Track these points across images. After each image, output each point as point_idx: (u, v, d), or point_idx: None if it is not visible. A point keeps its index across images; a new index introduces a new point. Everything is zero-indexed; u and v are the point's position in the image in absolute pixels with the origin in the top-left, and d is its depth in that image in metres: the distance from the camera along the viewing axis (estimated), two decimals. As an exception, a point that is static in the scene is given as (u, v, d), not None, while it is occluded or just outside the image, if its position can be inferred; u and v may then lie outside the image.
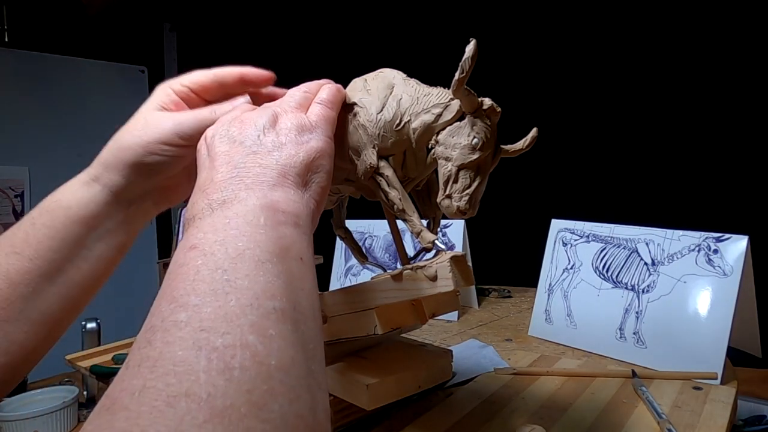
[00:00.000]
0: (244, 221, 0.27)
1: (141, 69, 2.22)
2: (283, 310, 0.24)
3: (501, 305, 1.16)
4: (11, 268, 0.38)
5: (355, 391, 0.50)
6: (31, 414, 0.63)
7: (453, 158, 0.40)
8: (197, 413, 0.18)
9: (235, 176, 0.31)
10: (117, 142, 0.42)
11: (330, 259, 1.22)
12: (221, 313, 0.22)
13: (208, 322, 0.21)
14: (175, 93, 0.44)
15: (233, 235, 0.26)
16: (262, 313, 0.23)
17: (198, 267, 0.24)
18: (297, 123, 0.36)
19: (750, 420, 0.81)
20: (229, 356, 0.20)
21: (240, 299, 0.23)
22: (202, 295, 0.23)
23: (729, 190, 1.54)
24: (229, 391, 0.19)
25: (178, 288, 0.24)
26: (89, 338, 0.85)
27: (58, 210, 0.41)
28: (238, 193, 0.29)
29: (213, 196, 0.29)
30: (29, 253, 0.39)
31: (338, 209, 0.61)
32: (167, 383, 0.19)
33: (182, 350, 0.20)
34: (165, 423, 0.18)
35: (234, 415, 0.18)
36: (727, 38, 1.53)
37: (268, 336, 0.22)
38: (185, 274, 0.24)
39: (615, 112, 1.77)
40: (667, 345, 0.73)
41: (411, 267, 0.44)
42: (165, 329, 0.21)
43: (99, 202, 0.42)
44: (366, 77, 0.47)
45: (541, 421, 0.55)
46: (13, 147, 1.91)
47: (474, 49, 0.36)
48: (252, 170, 0.31)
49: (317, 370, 0.24)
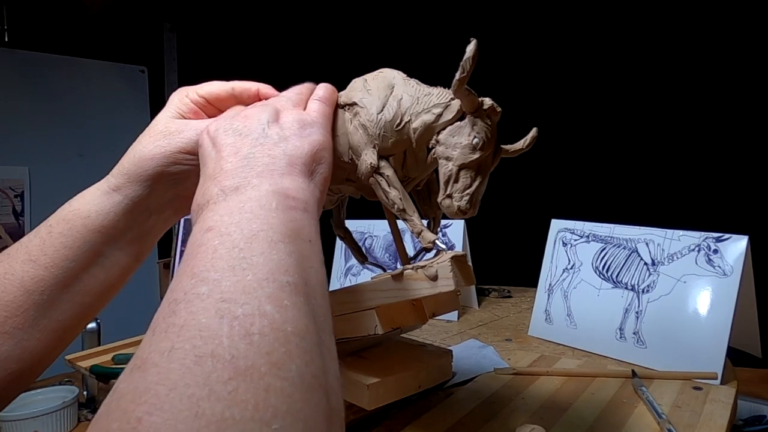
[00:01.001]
0: (258, 205, 0.29)
1: (141, 69, 2.22)
2: (295, 284, 0.25)
3: (501, 305, 1.16)
4: (26, 276, 0.38)
5: (355, 391, 0.50)
6: (31, 414, 0.63)
7: (454, 158, 0.40)
8: (222, 372, 0.20)
9: (246, 165, 0.32)
10: (138, 151, 0.42)
11: (330, 259, 1.22)
12: (240, 287, 0.23)
13: (228, 294, 0.23)
14: (192, 102, 0.44)
15: (248, 218, 0.28)
16: (277, 286, 0.24)
17: (215, 246, 0.26)
18: (298, 118, 0.38)
19: (750, 420, 0.81)
20: (248, 323, 0.22)
21: (256, 274, 0.24)
22: (220, 271, 0.24)
23: (729, 190, 1.54)
24: (250, 353, 0.21)
25: (197, 265, 0.25)
26: (89, 338, 0.85)
27: (77, 219, 0.40)
28: (251, 180, 0.31)
29: (225, 183, 0.31)
30: (45, 261, 0.38)
31: (338, 209, 0.61)
32: (194, 345, 0.20)
33: (206, 318, 0.22)
34: (194, 379, 0.19)
35: (255, 374, 0.20)
36: (727, 38, 1.53)
37: (283, 306, 0.23)
38: (204, 253, 0.26)
39: (615, 112, 1.77)
40: (667, 345, 0.73)
41: (412, 267, 0.44)
42: (188, 301, 0.23)
43: (119, 212, 0.41)
44: (366, 77, 0.47)
45: (541, 421, 0.55)
46: (13, 147, 1.91)
47: (474, 49, 0.36)
48: (261, 159, 0.33)
49: (327, 340, 0.26)
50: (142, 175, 0.41)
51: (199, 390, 0.19)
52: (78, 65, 2.07)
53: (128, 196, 0.41)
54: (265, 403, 0.19)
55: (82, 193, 0.42)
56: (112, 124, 2.06)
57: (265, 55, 2.19)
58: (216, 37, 2.26)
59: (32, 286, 0.38)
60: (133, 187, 0.41)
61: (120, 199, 0.41)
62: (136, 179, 0.41)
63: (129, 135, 0.46)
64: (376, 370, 0.51)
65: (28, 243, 0.39)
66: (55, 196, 0.62)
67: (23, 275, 0.38)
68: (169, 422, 0.18)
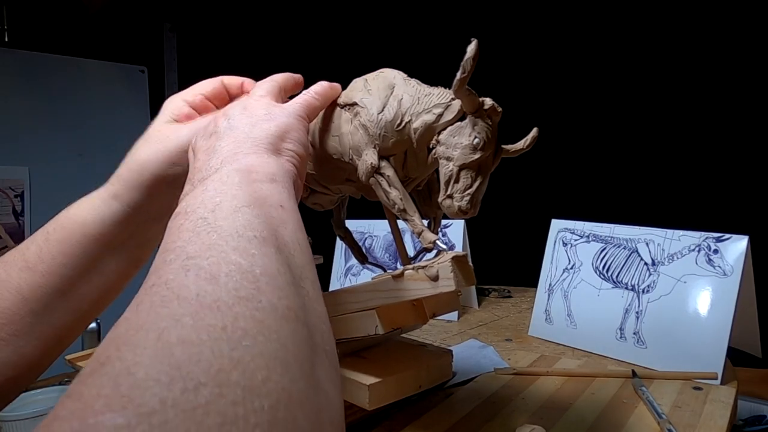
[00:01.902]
0: (219, 182, 0.29)
1: (141, 69, 2.22)
2: (264, 238, 0.25)
3: (501, 305, 1.16)
4: (23, 284, 0.38)
5: (355, 391, 0.50)
6: (31, 414, 0.63)
7: (454, 158, 0.40)
8: (188, 307, 0.20)
9: (213, 157, 0.32)
10: (135, 157, 0.42)
11: (330, 259, 1.22)
12: (205, 246, 0.23)
13: (194, 252, 0.23)
14: (189, 103, 0.44)
15: (210, 195, 0.28)
16: (244, 240, 0.24)
17: (181, 224, 0.26)
18: (266, 103, 0.38)
19: (750, 420, 0.81)
20: (215, 270, 0.22)
21: (221, 234, 0.24)
22: (186, 239, 0.24)
23: (729, 190, 1.54)
24: (216, 291, 0.21)
25: (166, 243, 0.25)
26: (89, 338, 0.86)
27: (74, 226, 0.40)
28: (215, 166, 0.31)
29: (195, 178, 0.31)
30: (42, 268, 0.38)
31: (338, 209, 0.61)
32: (162, 296, 0.21)
33: (173, 275, 0.22)
34: (160, 317, 0.19)
35: (222, 306, 0.20)
36: (727, 38, 1.53)
37: (250, 254, 0.23)
38: (170, 233, 0.26)
39: (615, 112, 1.77)
40: (667, 345, 0.73)
41: (412, 267, 0.44)
42: (156, 269, 0.23)
43: (117, 221, 0.41)
44: (366, 77, 0.47)
45: (541, 421, 0.55)
46: (13, 147, 1.90)
47: (475, 49, 0.36)
48: (226, 148, 0.33)
49: (309, 288, 0.25)
50: (140, 181, 0.41)
51: (165, 323, 0.19)
52: (78, 65, 2.06)
53: (127, 203, 0.41)
54: (234, 326, 0.19)
55: (80, 200, 0.42)
56: (112, 124, 2.05)
57: (265, 56, 2.19)
58: (216, 37, 2.26)
59: (29, 293, 0.38)
60: (132, 194, 0.41)
61: (118, 207, 0.41)
62: (134, 186, 0.41)
63: (129, 135, 0.46)
64: (376, 370, 0.51)
65: (25, 250, 0.39)
66: (55, 196, 0.62)
67: (20, 282, 0.38)
68: (136, 350, 0.18)
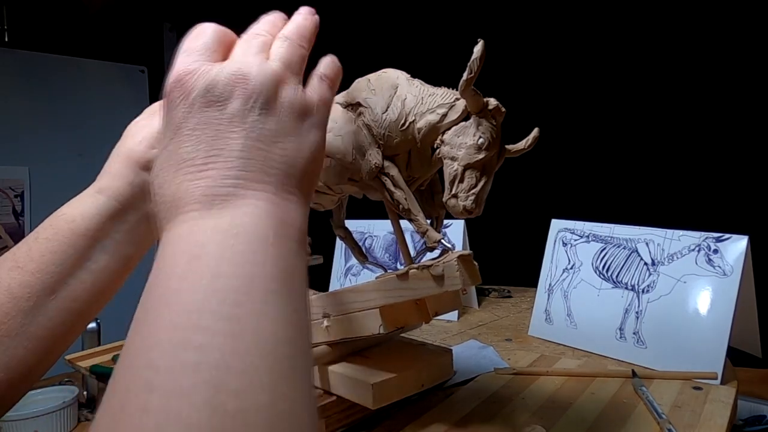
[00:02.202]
0: (255, 237, 0.24)
1: (141, 69, 2.22)
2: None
3: (501, 305, 1.16)
4: (13, 283, 0.38)
5: (359, 391, 0.50)
6: (31, 414, 0.63)
7: (459, 158, 0.40)
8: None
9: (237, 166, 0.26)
10: (118, 148, 0.43)
11: (330, 259, 1.22)
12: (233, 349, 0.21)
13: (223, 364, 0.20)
14: None
15: (241, 252, 0.23)
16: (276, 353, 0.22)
17: (205, 287, 0.22)
18: (300, 100, 0.30)
19: (750, 420, 0.81)
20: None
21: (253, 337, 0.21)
22: (212, 329, 0.21)
23: (729, 190, 1.55)
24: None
25: (187, 302, 0.22)
26: (89, 338, 0.85)
27: (62, 223, 0.40)
28: (242, 190, 0.25)
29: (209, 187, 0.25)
30: (31, 267, 0.38)
31: (338, 209, 0.61)
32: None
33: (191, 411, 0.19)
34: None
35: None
36: (727, 38, 1.54)
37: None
38: (190, 288, 0.22)
39: (615, 112, 1.77)
40: (667, 345, 0.73)
41: (417, 266, 0.44)
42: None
43: (104, 214, 0.41)
44: (369, 77, 0.47)
45: (541, 421, 0.55)
46: (13, 147, 1.90)
47: (482, 49, 0.36)
48: (255, 157, 0.26)
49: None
50: (123, 171, 0.41)
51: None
52: (78, 65, 2.06)
53: (113, 197, 0.41)
54: None
55: (70, 201, 0.42)
56: (112, 124, 2.04)
57: (264, 56, 2.18)
58: (216, 37, 2.25)
59: (19, 292, 0.37)
60: (116, 185, 0.41)
61: (105, 201, 0.41)
62: (118, 176, 0.41)
63: (129, 135, 0.46)
64: (379, 369, 0.52)
65: (16, 251, 0.39)
66: (55, 196, 0.62)
67: (10, 282, 0.38)
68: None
